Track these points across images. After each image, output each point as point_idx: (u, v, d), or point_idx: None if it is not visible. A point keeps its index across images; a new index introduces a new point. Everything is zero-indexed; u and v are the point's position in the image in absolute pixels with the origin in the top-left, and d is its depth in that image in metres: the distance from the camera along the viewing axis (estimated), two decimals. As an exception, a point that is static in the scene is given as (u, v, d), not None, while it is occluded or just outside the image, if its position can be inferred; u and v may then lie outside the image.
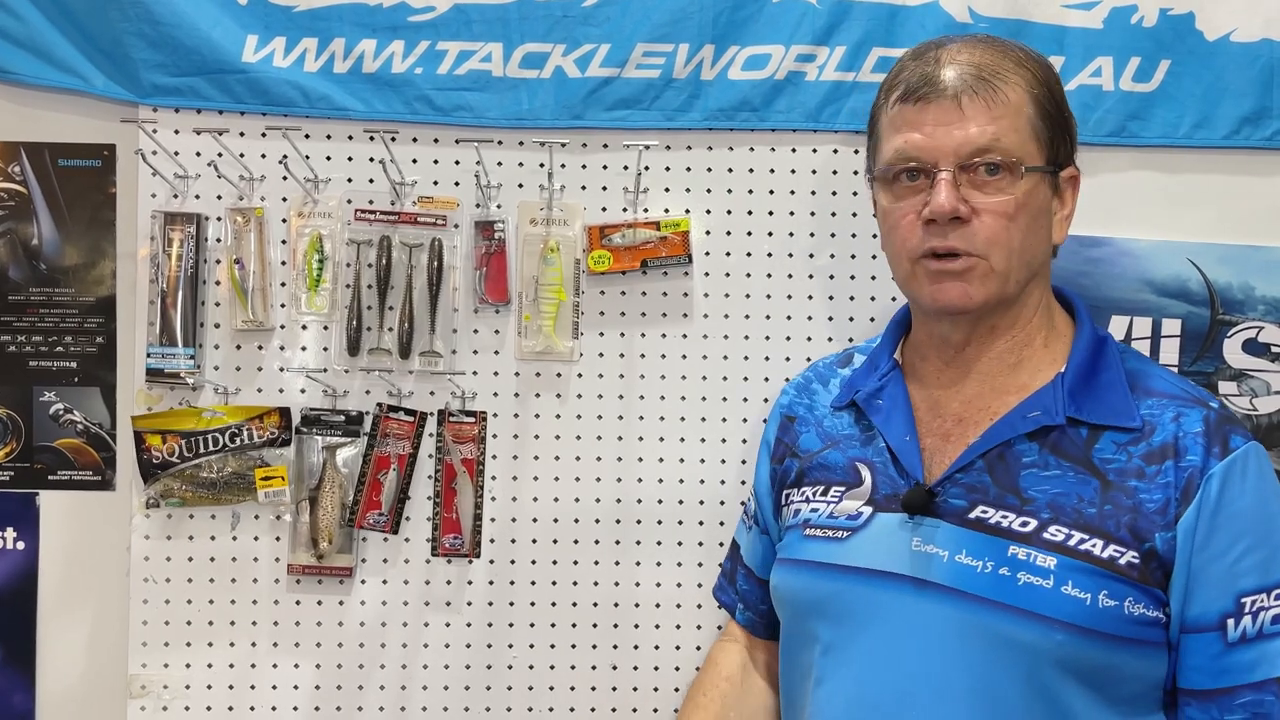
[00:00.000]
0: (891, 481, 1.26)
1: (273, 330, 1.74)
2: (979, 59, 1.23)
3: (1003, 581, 1.16)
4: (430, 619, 1.75)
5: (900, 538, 1.22)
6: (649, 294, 1.75)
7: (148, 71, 1.71)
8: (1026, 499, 1.20)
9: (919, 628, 1.19)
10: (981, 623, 1.16)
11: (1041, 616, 1.15)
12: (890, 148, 1.25)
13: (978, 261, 1.21)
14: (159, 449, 1.72)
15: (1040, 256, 1.27)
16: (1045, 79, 1.26)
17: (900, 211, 1.24)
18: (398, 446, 1.73)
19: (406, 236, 1.73)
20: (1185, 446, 1.19)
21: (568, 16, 1.71)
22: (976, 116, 1.20)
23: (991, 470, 1.22)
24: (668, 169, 1.75)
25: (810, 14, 1.70)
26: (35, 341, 1.76)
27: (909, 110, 1.23)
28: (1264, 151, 1.73)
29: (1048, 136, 1.25)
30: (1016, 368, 1.27)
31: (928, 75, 1.23)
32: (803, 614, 1.29)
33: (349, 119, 1.73)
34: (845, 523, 1.27)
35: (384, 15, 1.71)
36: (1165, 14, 1.72)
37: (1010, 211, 1.20)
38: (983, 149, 1.20)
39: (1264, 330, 1.74)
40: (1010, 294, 1.24)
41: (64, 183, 1.76)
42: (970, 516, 1.20)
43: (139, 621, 1.74)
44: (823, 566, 1.26)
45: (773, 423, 1.50)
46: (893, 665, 1.20)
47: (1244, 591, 1.17)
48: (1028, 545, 1.17)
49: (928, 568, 1.20)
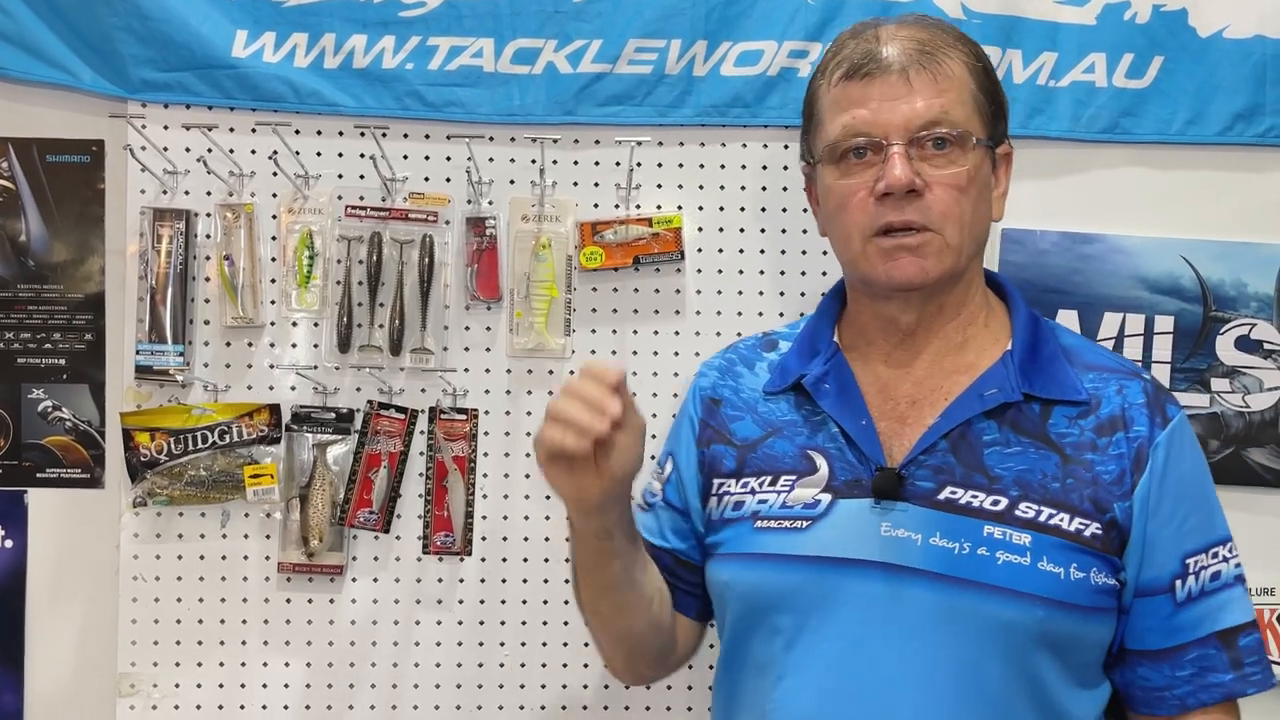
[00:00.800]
0: (850, 467, 1.24)
1: (263, 327, 1.74)
2: (920, 35, 1.24)
3: (982, 562, 1.17)
4: (422, 617, 1.74)
5: (868, 523, 1.20)
6: (641, 290, 1.74)
7: (136, 67, 1.70)
8: (994, 477, 1.20)
9: (895, 614, 1.18)
10: (962, 605, 1.16)
11: (1022, 594, 1.16)
12: (837, 125, 1.23)
13: (933, 236, 1.21)
14: (147, 447, 1.71)
15: (985, 232, 1.28)
16: (980, 54, 1.28)
17: (850, 188, 1.23)
18: (389, 444, 1.73)
19: (397, 233, 1.72)
20: (1132, 417, 1.23)
21: (559, 12, 1.70)
22: (924, 90, 1.21)
23: (955, 450, 1.22)
24: (660, 165, 1.74)
25: (803, 10, 1.70)
26: (23, 339, 1.75)
27: (854, 87, 1.23)
28: (1257, 148, 1.73)
29: (989, 111, 1.26)
30: (963, 347, 1.28)
31: (871, 52, 1.23)
32: (760, 608, 1.25)
33: (339, 115, 1.72)
34: (803, 512, 1.23)
35: (374, 10, 1.71)
36: (1158, 10, 1.71)
37: (963, 184, 1.21)
38: (932, 122, 1.21)
39: (1256, 327, 1.74)
40: (961, 268, 1.24)
41: (52, 179, 1.75)
42: (940, 498, 1.20)
43: (128, 620, 1.73)
44: (783, 558, 1.23)
45: (695, 404, 1.41)
46: (868, 653, 1.18)
47: (1188, 552, 1.22)
48: (1001, 524, 1.18)
49: (901, 552, 1.19)
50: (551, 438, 1.12)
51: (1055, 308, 1.74)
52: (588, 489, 1.15)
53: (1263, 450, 1.75)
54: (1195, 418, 1.74)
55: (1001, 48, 1.71)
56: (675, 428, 1.44)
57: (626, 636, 1.33)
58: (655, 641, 1.35)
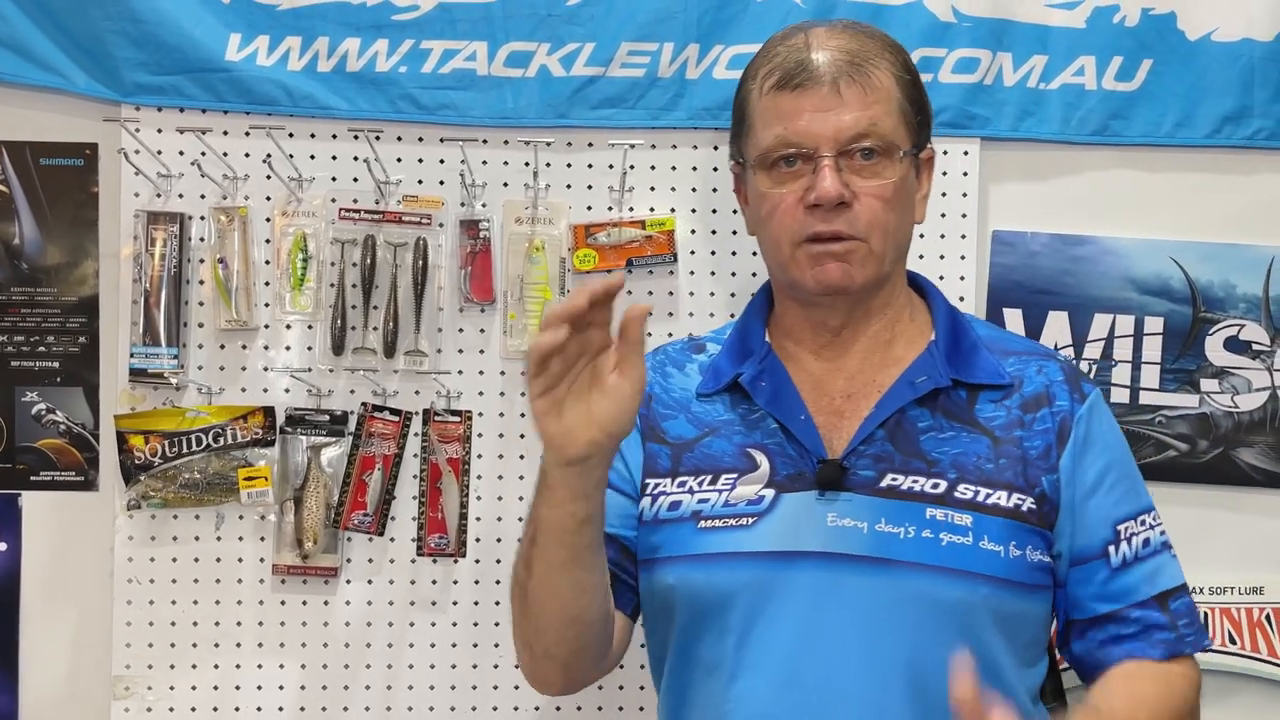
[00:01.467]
0: (792, 461, 1.25)
1: (257, 330, 1.74)
2: (850, 45, 1.26)
3: (927, 544, 1.19)
4: (416, 619, 1.74)
5: (814, 515, 1.22)
6: (635, 293, 1.75)
7: (130, 70, 1.70)
8: (932, 461, 1.23)
9: (846, 602, 1.19)
10: (910, 587, 1.19)
11: (967, 573, 1.19)
12: (769, 134, 1.26)
13: (859, 244, 1.24)
14: (141, 449, 1.71)
15: (908, 237, 1.31)
16: (907, 64, 1.31)
17: (780, 196, 1.25)
18: (383, 446, 1.73)
19: (391, 235, 1.73)
20: (1054, 394, 1.28)
21: (552, 15, 1.71)
22: (853, 102, 1.23)
23: (893, 439, 1.24)
24: (653, 168, 1.75)
25: (795, 13, 1.70)
26: (17, 341, 1.76)
27: (786, 97, 1.25)
28: (1245, 150, 1.74)
29: (915, 120, 1.29)
30: (891, 343, 1.31)
31: (802, 61, 1.25)
32: (710, 608, 1.24)
33: (333, 118, 1.73)
34: (747, 509, 1.24)
35: (368, 14, 1.71)
36: (1147, 14, 1.73)
37: (889, 195, 1.25)
38: (862, 134, 1.23)
39: (1245, 328, 1.76)
40: (885, 274, 1.28)
41: (46, 182, 1.75)
42: (882, 485, 1.22)
43: (123, 623, 1.73)
44: (730, 556, 1.23)
45: None
46: (822, 644, 1.19)
47: (1118, 519, 1.27)
48: (943, 506, 1.21)
49: (848, 541, 1.20)
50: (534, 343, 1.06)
51: (1046, 309, 1.75)
52: (576, 433, 1.08)
53: (1251, 450, 1.76)
54: (1185, 418, 1.75)
55: (992, 50, 1.72)
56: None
57: (577, 623, 1.23)
58: (603, 634, 1.28)
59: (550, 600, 1.20)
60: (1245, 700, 1.76)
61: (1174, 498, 1.71)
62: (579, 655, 1.27)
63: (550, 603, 1.21)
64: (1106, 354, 1.75)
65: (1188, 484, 1.75)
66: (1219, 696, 1.75)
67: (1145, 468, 1.71)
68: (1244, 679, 1.75)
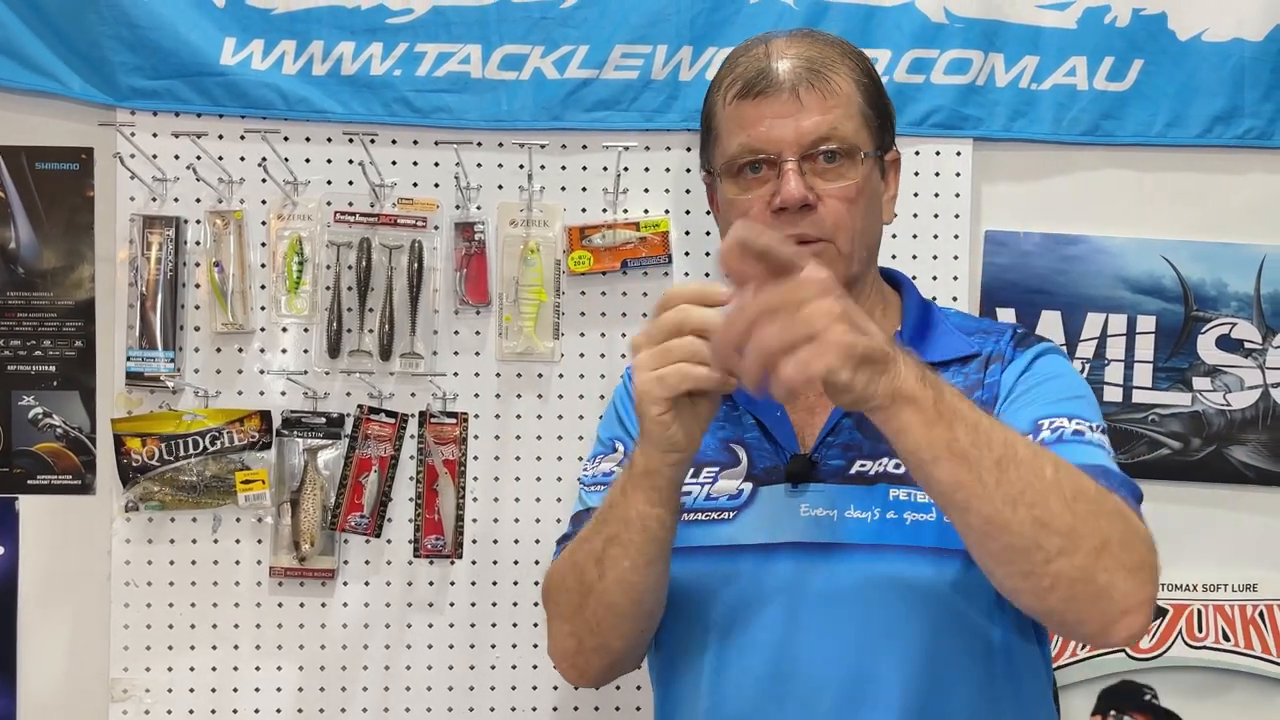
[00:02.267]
0: (768, 455, 1.28)
1: (253, 333, 1.74)
2: (808, 52, 1.29)
3: (891, 525, 1.20)
4: (413, 620, 1.75)
5: (788, 506, 1.24)
6: (629, 294, 1.76)
7: (125, 74, 1.70)
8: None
9: (821, 590, 1.20)
10: (880, 570, 1.19)
11: (933, 549, 1.18)
12: (734, 142, 1.28)
13: (826, 246, 1.26)
14: (139, 452, 1.72)
15: (876, 237, 1.33)
16: (867, 69, 1.33)
17: (747, 202, 1.28)
18: (379, 448, 1.74)
19: (386, 238, 1.73)
20: (1001, 351, 1.29)
21: (546, 18, 1.72)
22: (813, 107, 1.26)
23: (860, 427, 1.25)
24: (647, 169, 1.76)
25: (787, 15, 1.71)
26: (14, 345, 1.76)
27: (748, 105, 1.27)
28: (1236, 149, 1.76)
29: (876, 123, 1.31)
30: None
31: (763, 70, 1.28)
32: (694, 601, 1.27)
33: (328, 121, 1.74)
34: (728, 503, 1.27)
35: (362, 17, 1.72)
36: (1138, 14, 1.74)
37: (852, 196, 1.26)
38: (823, 138, 1.26)
39: (1237, 326, 1.77)
40: (855, 273, 1.29)
41: (41, 186, 1.76)
42: (851, 472, 1.24)
43: (120, 625, 1.74)
44: (712, 549, 1.26)
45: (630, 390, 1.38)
46: (802, 633, 1.20)
47: (1040, 416, 1.19)
48: (904, 485, 1.21)
49: (820, 530, 1.22)
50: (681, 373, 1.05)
51: (1039, 308, 1.76)
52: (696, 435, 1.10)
53: (1244, 448, 1.77)
54: (1177, 416, 1.76)
55: (984, 51, 1.73)
56: (613, 416, 1.43)
57: (649, 617, 1.25)
58: (654, 630, 1.31)
59: (625, 597, 1.21)
60: (1239, 697, 1.77)
61: (1167, 495, 1.73)
62: (638, 648, 1.30)
63: (625, 599, 1.21)
64: (1099, 353, 1.76)
65: (1181, 482, 1.77)
66: (1213, 693, 1.77)
67: (1138, 466, 1.73)
68: (1238, 675, 1.76)
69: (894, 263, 1.71)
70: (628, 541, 1.18)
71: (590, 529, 1.24)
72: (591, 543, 1.22)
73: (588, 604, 1.23)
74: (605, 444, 1.42)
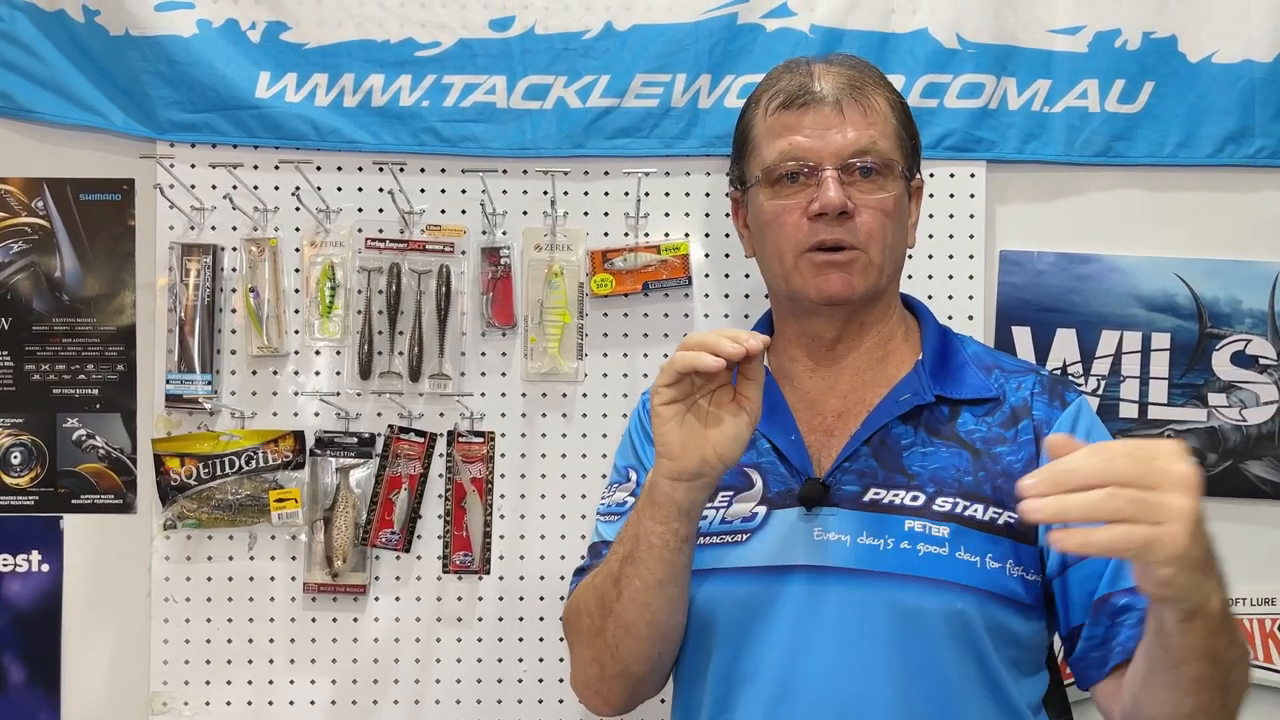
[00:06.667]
0: (782, 479, 1.29)
1: (287, 356, 1.79)
2: (849, 72, 1.33)
3: (904, 555, 1.22)
4: (442, 634, 1.78)
5: (800, 531, 1.25)
6: (650, 315, 1.79)
7: (165, 108, 1.76)
8: (912, 475, 1.26)
9: (831, 613, 1.22)
10: (889, 598, 1.21)
11: (943, 582, 1.20)
12: (774, 150, 1.31)
13: (859, 254, 1.29)
14: (177, 471, 1.77)
15: (902, 256, 1.36)
16: (899, 97, 1.37)
17: (784, 209, 1.30)
18: (409, 467, 1.78)
19: (415, 264, 1.78)
20: (1032, 405, 1.30)
21: (569, 49, 1.76)
22: (854, 121, 1.30)
23: (877, 455, 1.27)
24: (667, 194, 1.80)
25: (803, 43, 1.75)
26: (58, 370, 1.82)
27: (790, 116, 1.31)
28: (1247, 169, 1.77)
29: (909, 146, 1.35)
30: (883, 361, 1.35)
31: (805, 84, 1.32)
32: (709, 623, 1.28)
33: (359, 151, 1.78)
34: (741, 525, 1.28)
35: (391, 51, 1.77)
36: (1148, 37, 1.76)
37: (889, 209, 1.30)
38: (862, 150, 1.29)
39: (1252, 343, 1.78)
40: (882, 287, 1.32)
41: (85, 216, 1.82)
42: (865, 500, 1.25)
43: (160, 640, 1.78)
44: (727, 572, 1.27)
45: (649, 422, 1.37)
46: (811, 656, 1.21)
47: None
48: (921, 518, 1.23)
49: (831, 554, 1.23)
50: (685, 358, 1.11)
51: (1054, 327, 1.78)
52: (689, 447, 1.15)
53: (1260, 463, 1.78)
54: (1193, 432, 1.78)
55: (996, 76, 1.76)
56: (628, 443, 1.46)
57: (665, 639, 1.26)
58: (676, 652, 1.32)
59: (640, 617, 1.23)
60: (1258, 711, 1.77)
61: (1183, 510, 1.74)
62: (658, 671, 1.31)
63: (639, 619, 1.23)
64: (1115, 370, 1.78)
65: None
66: (1232, 707, 1.77)
67: (1153, 481, 1.74)
68: (1256, 690, 1.75)
69: (910, 283, 1.73)
70: (638, 559, 1.21)
71: (610, 552, 1.27)
72: (609, 563, 1.26)
73: (607, 626, 1.25)
74: (620, 472, 1.44)
